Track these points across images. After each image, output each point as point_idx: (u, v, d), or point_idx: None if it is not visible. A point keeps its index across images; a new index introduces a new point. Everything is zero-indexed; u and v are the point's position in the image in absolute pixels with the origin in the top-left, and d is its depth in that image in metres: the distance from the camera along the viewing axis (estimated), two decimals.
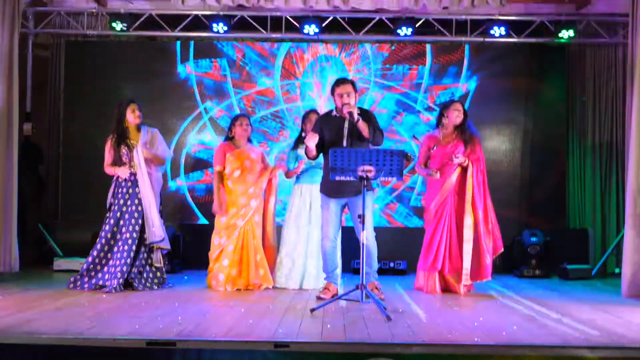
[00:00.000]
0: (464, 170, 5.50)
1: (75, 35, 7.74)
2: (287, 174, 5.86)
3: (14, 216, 6.71)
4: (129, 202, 5.46)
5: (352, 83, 5.15)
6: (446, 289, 5.54)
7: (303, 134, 5.76)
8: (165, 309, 4.45)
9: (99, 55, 7.62)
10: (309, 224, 5.70)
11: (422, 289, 5.54)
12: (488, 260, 5.42)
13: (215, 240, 5.68)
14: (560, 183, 7.56)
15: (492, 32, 7.44)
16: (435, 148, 5.61)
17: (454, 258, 5.49)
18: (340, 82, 5.14)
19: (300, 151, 5.69)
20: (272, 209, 5.86)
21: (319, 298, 5.01)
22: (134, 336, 3.48)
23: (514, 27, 7.54)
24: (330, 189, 5.13)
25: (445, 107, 5.66)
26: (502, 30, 7.44)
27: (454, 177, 5.51)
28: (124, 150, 5.49)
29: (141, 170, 5.45)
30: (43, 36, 7.85)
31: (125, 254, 5.38)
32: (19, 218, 6.77)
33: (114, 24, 7.50)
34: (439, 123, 5.67)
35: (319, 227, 5.44)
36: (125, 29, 7.51)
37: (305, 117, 5.89)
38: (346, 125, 5.04)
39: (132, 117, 5.56)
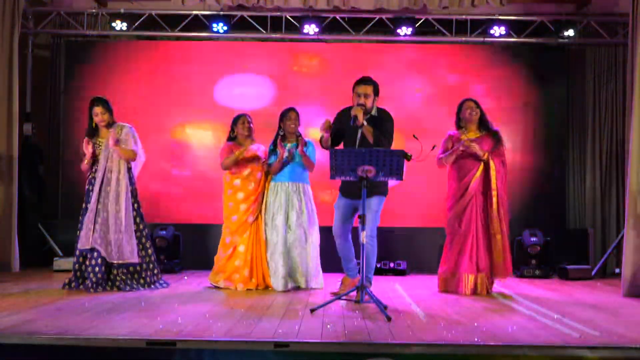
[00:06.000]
0: (486, 172, 5.45)
1: (75, 35, 7.73)
2: (269, 169, 5.77)
3: (14, 216, 6.71)
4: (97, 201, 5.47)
5: (374, 85, 5.05)
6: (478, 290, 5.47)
7: (281, 132, 5.75)
8: (165, 309, 4.45)
9: (98, 55, 7.63)
10: (285, 224, 5.59)
11: (456, 292, 5.40)
12: (508, 258, 5.43)
13: (227, 239, 5.70)
14: (561, 183, 7.56)
15: (492, 32, 7.45)
16: (454, 147, 5.53)
17: (484, 256, 5.44)
18: (361, 81, 5.05)
19: (278, 148, 5.68)
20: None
21: (332, 294, 5.16)
22: (134, 336, 3.47)
23: (514, 27, 7.54)
24: (344, 189, 5.22)
25: (458, 107, 5.64)
26: (502, 30, 7.45)
27: (475, 179, 5.44)
28: (93, 149, 5.45)
29: (109, 174, 5.45)
30: (43, 36, 7.84)
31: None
32: (19, 218, 6.78)
33: (114, 24, 7.51)
34: (457, 124, 5.66)
35: (299, 227, 5.54)
36: (125, 29, 7.51)
37: (283, 115, 5.75)
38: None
39: (96, 119, 5.48)
